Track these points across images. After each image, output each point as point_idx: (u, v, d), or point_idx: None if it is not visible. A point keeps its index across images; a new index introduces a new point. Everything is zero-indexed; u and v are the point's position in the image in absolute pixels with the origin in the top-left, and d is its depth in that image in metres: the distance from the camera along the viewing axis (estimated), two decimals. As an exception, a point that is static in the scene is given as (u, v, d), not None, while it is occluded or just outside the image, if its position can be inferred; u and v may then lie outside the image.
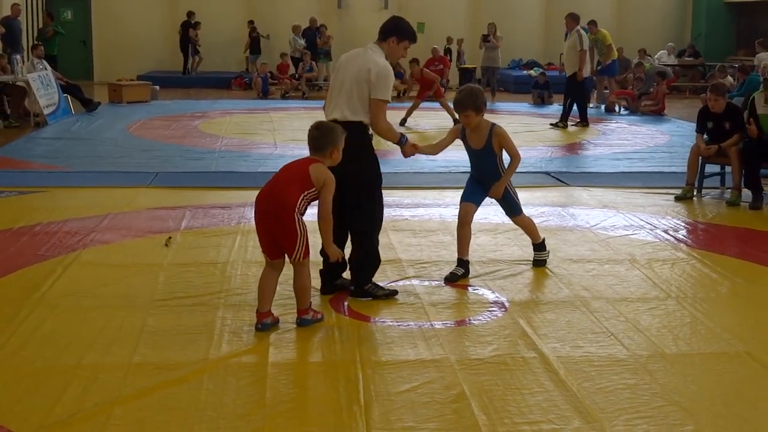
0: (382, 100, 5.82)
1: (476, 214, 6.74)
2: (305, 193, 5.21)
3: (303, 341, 5.23)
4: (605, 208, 9.11)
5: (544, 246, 6.89)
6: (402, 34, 6.04)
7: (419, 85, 17.11)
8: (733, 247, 7.81)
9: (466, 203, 6.65)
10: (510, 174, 6.59)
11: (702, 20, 27.25)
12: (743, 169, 9.37)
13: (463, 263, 6.59)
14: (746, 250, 7.55)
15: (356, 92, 5.83)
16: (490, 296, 6.14)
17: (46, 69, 17.16)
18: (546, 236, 7.37)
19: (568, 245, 7.53)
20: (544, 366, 4.84)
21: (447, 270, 6.57)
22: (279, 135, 14.76)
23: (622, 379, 4.68)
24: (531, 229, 6.88)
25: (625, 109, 19.40)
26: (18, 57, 16.71)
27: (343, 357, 4.96)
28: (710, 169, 10.05)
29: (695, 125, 10.02)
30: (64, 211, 8.53)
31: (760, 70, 17.18)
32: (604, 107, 19.71)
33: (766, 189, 9.46)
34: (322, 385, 4.58)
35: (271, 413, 4.23)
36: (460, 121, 6.56)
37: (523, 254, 7.06)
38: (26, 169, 11.30)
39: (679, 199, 9.53)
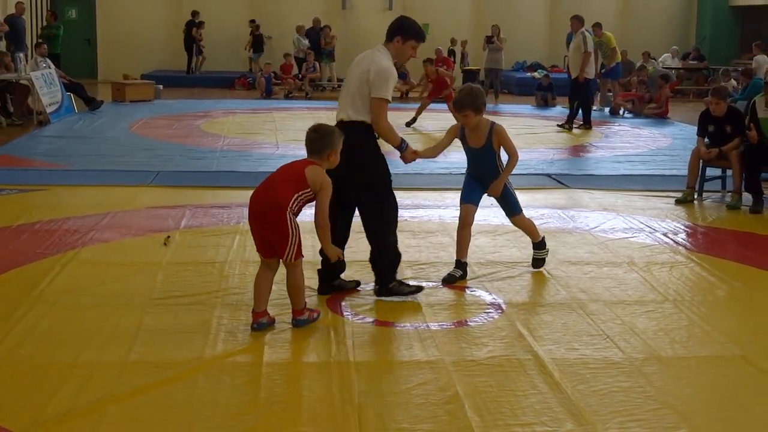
0: (381, 99, 5.79)
1: (476, 216, 6.74)
2: (299, 193, 5.20)
3: (298, 341, 5.23)
4: (605, 210, 9.10)
5: (543, 244, 6.87)
6: (407, 33, 5.99)
7: (432, 86, 17.13)
8: (732, 250, 7.81)
9: (466, 204, 6.65)
10: (508, 172, 6.58)
11: (707, 23, 27.23)
12: (744, 173, 9.37)
13: (461, 265, 6.58)
14: (746, 254, 7.55)
15: (359, 93, 5.84)
16: (488, 298, 6.14)
17: (50, 67, 17.20)
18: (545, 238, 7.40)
19: (567, 247, 7.53)
20: (539, 368, 4.84)
21: (445, 271, 6.57)
22: (281, 135, 14.78)
23: (617, 381, 4.68)
24: (531, 229, 6.86)
25: (629, 112, 19.39)
26: (21, 55, 16.73)
27: (338, 357, 4.96)
28: (711, 172, 10.05)
29: (696, 128, 10.03)
30: (65, 209, 8.55)
31: (763, 74, 17.14)
32: (609, 109, 19.73)
33: (767, 193, 9.46)
34: (316, 385, 4.58)
35: (264, 413, 4.24)
36: (460, 121, 6.56)
37: (522, 256, 7.06)
38: (28, 167, 11.33)
39: (679, 202, 9.53)
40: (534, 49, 27.32)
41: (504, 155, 6.57)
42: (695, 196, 9.71)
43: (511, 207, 6.76)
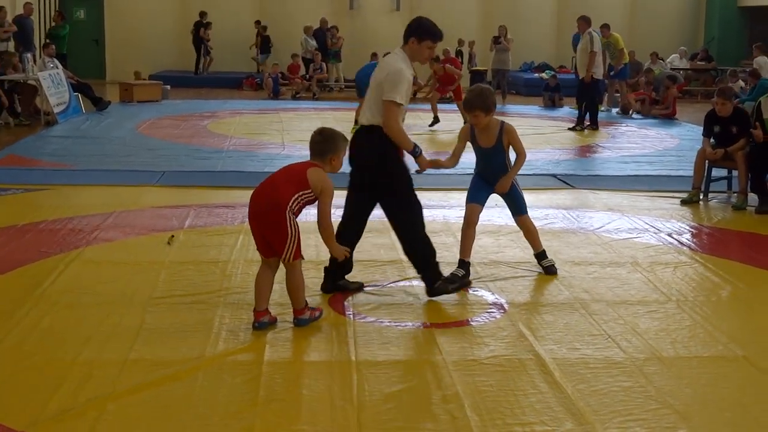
0: (391, 101, 5.75)
1: (480, 216, 6.73)
2: (300, 193, 5.20)
3: (299, 340, 5.24)
4: (610, 211, 9.08)
5: (545, 254, 6.86)
6: (421, 33, 5.93)
7: (440, 82, 17.17)
8: (737, 251, 7.78)
9: (472, 204, 6.65)
10: (516, 170, 6.59)
11: (715, 24, 27.15)
12: (750, 174, 9.33)
13: (464, 264, 6.58)
14: (750, 255, 7.53)
15: (375, 96, 5.85)
16: (490, 298, 6.13)
17: (58, 68, 17.25)
18: (549, 238, 7.41)
19: (571, 248, 7.51)
20: (540, 368, 4.83)
21: (448, 271, 6.52)
22: (287, 135, 14.79)
23: (618, 381, 4.67)
24: (534, 235, 6.83)
25: (637, 113, 19.35)
26: (29, 55, 16.78)
27: (339, 356, 4.96)
28: (717, 173, 10.01)
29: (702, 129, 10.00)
30: (69, 208, 8.57)
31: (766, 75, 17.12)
32: (618, 109, 19.70)
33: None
34: (316, 384, 4.57)
35: (263, 411, 4.24)
36: (470, 120, 6.56)
37: (525, 256, 7.04)
38: (34, 166, 11.35)
39: (684, 202, 9.51)
40: (542, 50, 27.27)
41: (512, 155, 6.59)
42: (701, 197, 9.69)
43: (518, 206, 6.75)
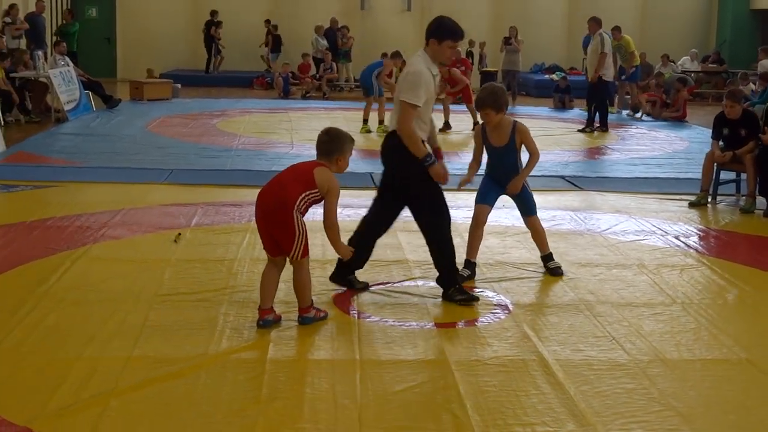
0: (406, 102, 5.72)
1: (488, 217, 6.73)
2: (307, 193, 5.21)
3: (304, 338, 5.24)
4: (617, 213, 9.07)
5: (552, 256, 6.85)
6: (440, 34, 5.91)
7: (449, 85, 17.12)
8: (744, 254, 7.76)
9: (480, 205, 6.65)
10: (528, 170, 6.60)
11: (727, 27, 27.06)
12: (758, 176, 9.30)
13: (470, 265, 6.58)
14: (757, 258, 7.50)
15: (398, 100, 5.87)
16: (495, 298, 6.12)
17: (68, 65, 17.30)
18: (556, 240, 7.40)
19: (578, 249, 7.50)
20: (543, 369, 4.83)
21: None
22: (297, 135, 14.80)
23: (621, 383, 4.66)
24: (541, 237, 6.82)
25: (647, 115, 19.30)
26: (40, 53, 16.84)
27: (342, 355, 4.97)
28: (726, 175, 9.98)
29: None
30: (77, 206, 8.60)
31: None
32: (628, 111, 19.65)
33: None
34: (319, 382, 4.58)
35: (265, 409, 4.25)
36: (481, 118, 6.57)
37: (531, 257, 7.03)
38: (43, 163, 11.39)
39: (692, 205, 9.48)
40: (552, 51, 27.22)
41: (524, 157, 6.61)
42: (709, 200, 9.66)
43: (527, 207, 6.75)
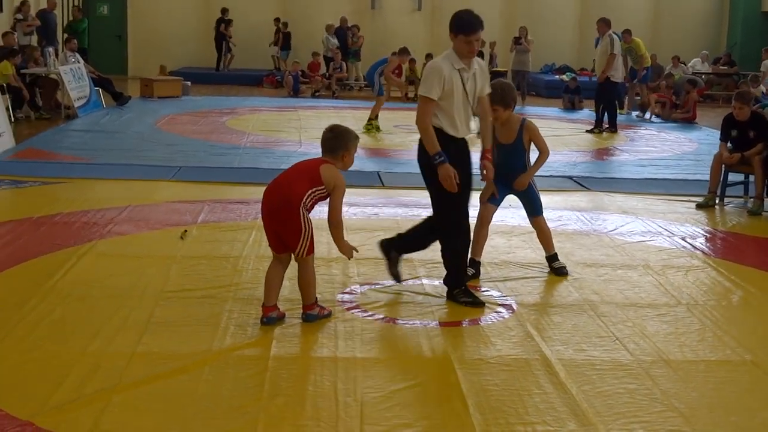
0: (421, 95, 5.79)
1: (493, 216, 6.73)
2: (313, 189, 5.22)
3: (307, 336, 5.25)
4: (624, 213, 9.05)
5: (557, 257, 6.84)
6: (454, 29, 5.88)
7: None
8: (750, 256, 7.73)
9: (487, 204, 6.65)
10: (537, 167, 6.60)
11: (738, 29, 26.99)
12: (766, 179, 9.28)
13: (475, 264, 6.58)
14: (764, 260, 7.48)
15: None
16: (499, 298, 6.12)
17: (79, 62, 17.35)
18: (562, 240, 7.40)
19: (583, 249, 7.49)
20: (546, 368, 4.83)
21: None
22: (305, 133, 14.80)
23: (623, 383, 4.66)
24: (547, 237, 6.81)
25: (657, 116, 19.26)
26: (51, 49, 16.89)
27: (345, 353, 4.97)
28: (734, 177, 9.95)
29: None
30: (85, 202, 8.63)
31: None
32: (638, 112, 19.60)
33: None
34: (321, 379, 4.58)
35: (267, 406, 4.26)
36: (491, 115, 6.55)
37: (536, 257, 7.03)
38: (52, 159, 11.42)
39: (700, 206, 9.46)
40: (563, 52, 27.18)
41: (533, 154, 6.61)
42: (716, 201, 9.63)
43: (534, 207, 6.75)
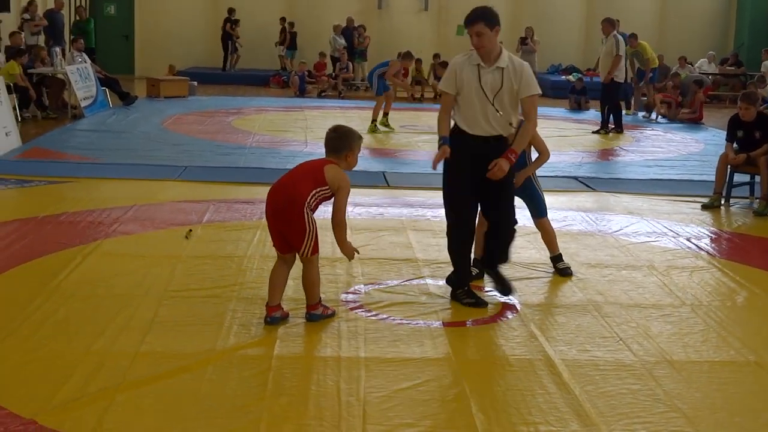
0: (440, 89, 5.99)
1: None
2: (317, 190, 5.23)
3: (311, 335, 5.26)
4: (630, 214, 9.04)
5: (561, 257, 6.84)
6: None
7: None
8: (756, 257, 7.71)
9: None
10: (535, 166, 6.60)
11: (745, 30, 26.95)
12: (772, 179, 9.27)
13: (478, 263, 6.56)
14: (769, 261, 7.47)
15: None
16: (503, 298, 6.12)
17: (86, 62, 17.39)
18: (567, 240, 7.40)
19: (588, 250, 7.49)
20: (549, 368, 4.83)
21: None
22: (311, 133, 14.81)
23: (626, 384, 4.66)
24: (551, 238, 6.81)
25: (663, 116, 19.23)
26: (58, 49, 16.93)
27: (348, 353, 4.98)
28: (739, 178, 9.94)
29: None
30: (91, 201, 8.65)
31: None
32: (644, 113, 19.57)
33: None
34: (324, 379, 4.59)
35: (270, 405, 4.26)
36: None
37: (540, 257, 7.03)
38: (58, 159, 11.45)
39: (705, 207, 9.45)
40: (570, 53, 27.16)
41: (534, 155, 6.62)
42: (722, 202, 9.62)
43: (538, 209, 6.75)
